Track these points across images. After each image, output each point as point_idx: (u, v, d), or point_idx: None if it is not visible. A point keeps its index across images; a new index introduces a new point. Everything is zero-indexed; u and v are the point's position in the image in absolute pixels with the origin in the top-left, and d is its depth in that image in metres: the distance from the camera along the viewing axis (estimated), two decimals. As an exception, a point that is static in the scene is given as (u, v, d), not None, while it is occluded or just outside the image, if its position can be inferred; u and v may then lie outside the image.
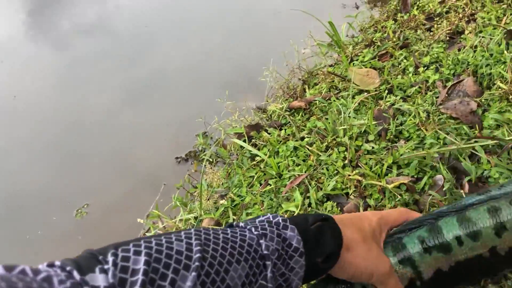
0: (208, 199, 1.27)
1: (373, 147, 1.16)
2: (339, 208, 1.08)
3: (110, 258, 0.45)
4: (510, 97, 1.07)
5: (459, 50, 1.33)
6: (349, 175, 1.11)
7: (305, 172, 1.20)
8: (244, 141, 1.43)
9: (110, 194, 1.81)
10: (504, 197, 0.73)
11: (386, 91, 1.32)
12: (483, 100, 1.11)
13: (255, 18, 2.46)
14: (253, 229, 0.57)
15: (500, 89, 1.09)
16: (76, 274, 0.42)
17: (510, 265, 0.74)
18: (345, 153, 1.18)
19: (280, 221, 0.59)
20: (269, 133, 1.42)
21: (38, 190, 1.90)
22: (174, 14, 2.77)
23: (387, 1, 1.96)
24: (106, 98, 2.24)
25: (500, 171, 0.96)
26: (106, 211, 1.75)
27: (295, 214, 0.83)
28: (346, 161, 1.16)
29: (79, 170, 1.94)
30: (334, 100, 1.38)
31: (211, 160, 1.52)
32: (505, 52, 1.18)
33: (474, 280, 0.77)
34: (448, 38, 1.41)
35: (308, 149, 1.26)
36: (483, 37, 1.31)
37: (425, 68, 1.33)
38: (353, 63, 1.53)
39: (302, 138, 1.31)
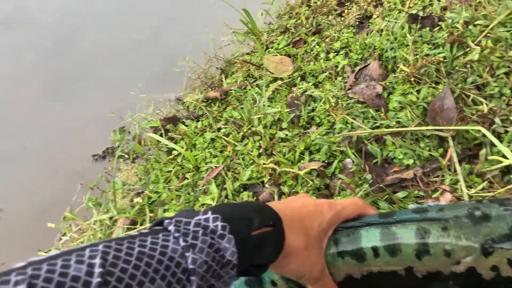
0: (124, 197, 1.22)
1: (286, 135, 1.17)
2: (255, 198, 1.08)
3: None
4: (412, 79, 1.11)
5: (367, 34, 1.36)
6: (264, 164, 1.11)
7: (222, 163, 1.19)
8: (161, 134, 1.39)
9: (25, 196, 1.70)
10: (438, 222, 0.73)
11: (299, 78, 1.33)
12: (388, 83, 1.15)
13: (172, 7, 2.39)
14: (181, 239, 0.50)
15: (403, 72, 1.13)
16: None
17: None
18: (260, 142, 1.18)
19: (219, 228, 0.53)
20: (186, 125, 1.38)
21: None
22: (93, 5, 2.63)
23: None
24: (25, 94, 2.10)
25: (405, 151, 1.00)
26: (20, 215, 1.65)
27: (249, 201, 0.79)
28: (261, 150, 1.16)
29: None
30: (249, 89, 1.38)
31: (127, 156, 1.46)
32: (408, 35, 1.22)
33: None
34: (357, 23, 1.44)
35: (224, 140, 1.24)
36: (389, 21, 1.35)
37: (336, 53, 1.35)
38: (269, 51, 1.53)
39: (219, 129, 1.30)
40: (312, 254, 0.67)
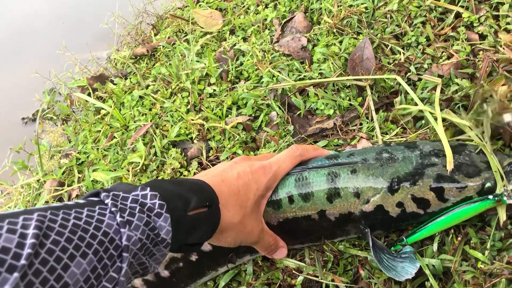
0: (51, 159, 1.19)
1: (214, 90, 1.16)
2: (183, 154, 1.08)
3: None
4: (335, 30, 1.12)
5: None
6: (193, 120, 1.10)
7: (150, 121, 1.17)
8: (89, 94, 1.35)
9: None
10: (348, 165, 0.76)
11: (229, 32, 1.31)
12: (312, 35, 1.15)
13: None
14: (117, 215, 0.49)
15: (327, 23, 1.14)
16: None
17: (341, 232, 0.77)
18: (189, 98, 1.17)
19: (156, 206, 0.53)
20: (114, 84, 1.34)
21: None
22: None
23: None
24: None
25: (326, 102, 1.02)
26: None
27: (187, 177, 0.74)
28: (190, 106, 1.15)
29: None
30: (178, 45, 1.34)
31: (55, 117, 1.41)
32: (333, -13, 1.22)
33: (304, 239, 0.80)
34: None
35: (153, 97, 1.22)
36: (317, -28, 1.34)
37: (265, 6, 1.34)
38: (200, 5, 1.49)
39: (147, 86, 1.27)
40: (248, 225, 0.69)
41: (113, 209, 0.49)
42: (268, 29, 1.25)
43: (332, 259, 0.78)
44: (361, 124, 0.96)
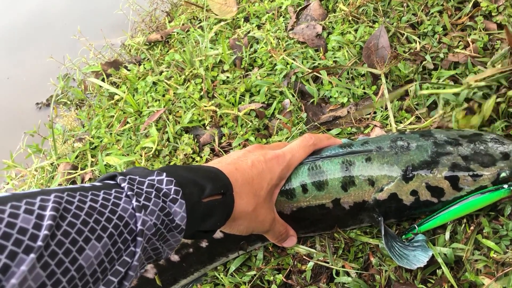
0: (65, 143, 1.20)
1: (228, 77, 1.16)
2: (195, 140, 1.08)
3: None
4: (351, 18, 1.11)
5: (311, -26, 1.33)
6: (205, 106, 1.11)
7: (163, 107, 1.18)
8: (103, 79, 1.36)
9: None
10: (362, 153, 0.75)
11: (243, 20, 1.31)
12: (328, 23, 1.14)
13: None
14: (133, 199, 0.49)
15: (342, 11, 1.13)
16: None
17: (354, 220, 0.77)
18: (202, 84, 1.17)
19: (172, 192, 0.53)
20: (128, 70, 1.35)
21: None
22: None
23: None
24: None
25: (340, 90, 1.01)
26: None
27: (200, 164, 0.73)
28: (203, 93, 1.15)
29: None
30: (192, 31, 1.34)
31: (69, 102, 1.42)
32: (349, -25, 1.21)
33: (316, 228, 0.80)
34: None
35: (166, 83, 1.22)
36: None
37: (280, -6, 1.33)
38: (214, -8, 1.49)
39: (161, 73, 1.27)
40: (261, 214, 0.69)
41: (129, 193, 0.49)
42: (283, 17, 1.24)
43: (343, 245, 0.78)
44: (375, 112, 0.95)
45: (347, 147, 0.78)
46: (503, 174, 0.68)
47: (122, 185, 0.50)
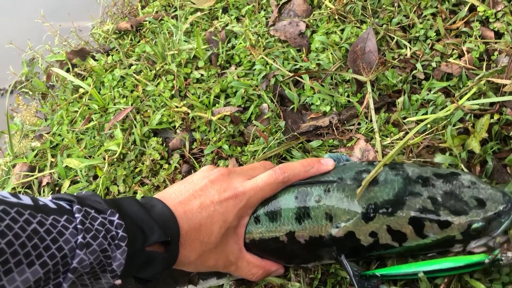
0: (24, 138, 1.10)
1: (202, 75, 1.07)
2: (164, 144, 0.99)
3: None
4: (337, 17, 1.02)
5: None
6: (177, 107, 1.01)
7: (131, 105, 1.08)
8: (68, 69, 1.25)
9: None
10: (321, 184, 0.67)
11: (221, 10, 1.21)
12: (312, 21, 1.05)
13: None
14: (81, 235, 0.47)
15: (328, 8, 1.04)
16: None
17: (314, 256, 0.69)
18: (174, 82, 1.07)
19: (118, 237, 0.51)
20: (96, 59, 1.24)
21: None
22: None
23: None
24: None
25: (323, 97, 0.93)
26: None
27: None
28: (174, 91, 1.06)
29: None
30: (166, 21, 1.24)
31: (31, 92, 1.31)
32: (338, -33, 1.11)
33: (277, 261, 0.73)
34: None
35: (135, 78, 1.12)
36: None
37: (263, -16, 1.23)
38: (192, -23, 1.37)
39: (130, 66, 1.17)
40: (209, 260, 0.64)
41: (79, 226, 0.48)
42: (264, 10, 1.14)
43: (319, 276, 0.71)
44: (359, 124, 0.88)
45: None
46: (475, 225, 0.60)
47: (76, 215, 0.49)
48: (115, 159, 0.99)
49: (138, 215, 0.56)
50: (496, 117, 0.75)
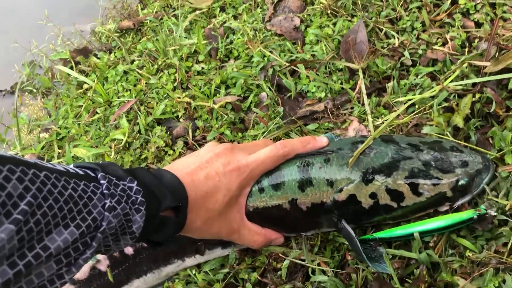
0: (30, 133, 1.15)
1: (203, 68, 1.13)
2: (168, 133, 1.04)
3: None
4: (329, 11, 1.09)
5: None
6: (179, 98, 1.07)
7: (135, 97, 1.13)
8: (71, 67, 1.30)
9: None
10: (321, 155, 0.73)
11: (219, 9, 1.27)
12: (306, 16, 1.12)
13: None
14: (108, 199, 0.52)
15: (321, 4, 1.11)
16: None
17: (313, 224, 0.75)
18: (175, 75, 1.13)
19: (138, 201, 0.56)
20: (98, 58, 1.30)
21: None
22: None
23: None
24: None
25: (318, 85, 0.99)
26: None
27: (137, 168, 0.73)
28: (176, 83, 1.11)
29: None
30: (166, 20, 1.30)
31: (35, 90, 1.36)
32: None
33: (278, 230, 0.78)
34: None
35: (138, 73, 1.18)
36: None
37: (257, -16, 1.30)
38: (189, -20, 1.44)
39: (133, 62, 1.23)
40: (213, 226, 0.69)
41: (105, 191, 0.52)
42: (260, 8, 1.21)
43: (319, 243, 0.77)
44: (352, 108, 0.94)
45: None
46: (461, 181, 0.67)
47: (101, 181, 0.53)
48: (121, 148, 1.04)
49: (152, 183, 0.61)
50: (477, 96, 0.81)
